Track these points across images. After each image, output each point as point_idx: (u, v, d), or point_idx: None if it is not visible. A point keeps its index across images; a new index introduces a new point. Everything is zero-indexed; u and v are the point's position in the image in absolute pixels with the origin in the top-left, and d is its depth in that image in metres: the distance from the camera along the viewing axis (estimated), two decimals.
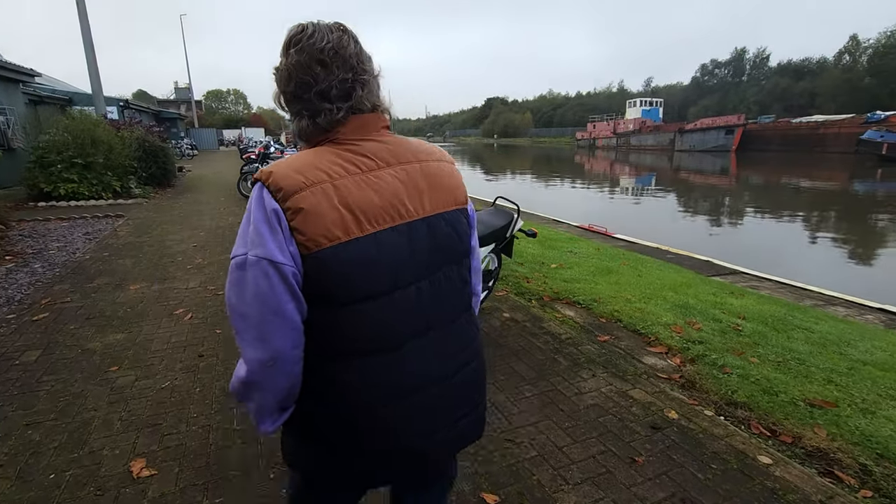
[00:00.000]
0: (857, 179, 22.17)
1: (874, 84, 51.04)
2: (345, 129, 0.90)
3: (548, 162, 39.43)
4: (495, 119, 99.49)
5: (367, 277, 0.85)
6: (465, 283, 1.03)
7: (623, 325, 3.57)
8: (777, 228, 11.59)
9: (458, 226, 0.99)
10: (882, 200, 15.83)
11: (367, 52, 0.96)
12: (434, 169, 0.97)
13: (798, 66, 65.53)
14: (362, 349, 0.88)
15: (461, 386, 1.01)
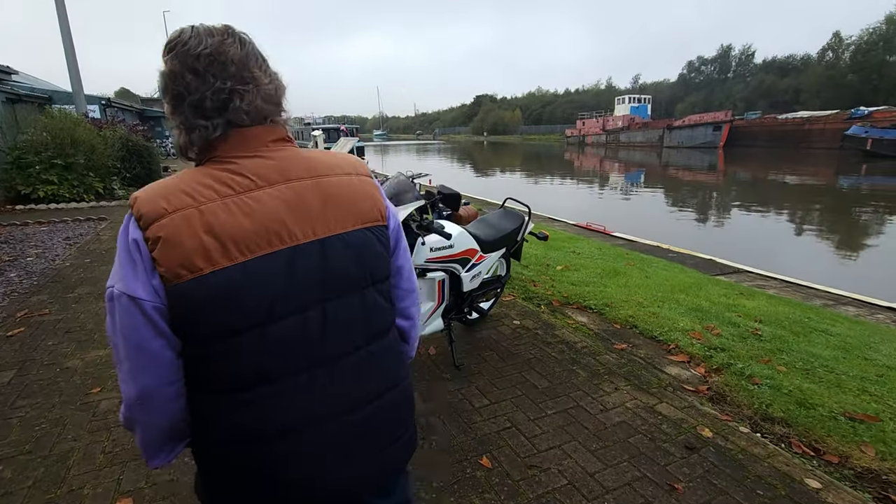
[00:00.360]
0: (842, 175, 22.43)
1: (857, 80, 51.80)
2: (225, 146, 0.82)
3: (538, 159, 39.39)
4: (485, 117, 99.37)
5: (237, 310, 0.77)
6: (381, 309, 0.94)
7: (639, 331, 3.40)
8: (769, 224, 11.59)
9: (366, 247, 0.89)
10: (869, 195, 15.97)
11: (260, 58, 0.87)
12: (336, 185, 0.88)
13: (782, 63, 66.35)
14: (239, 385, 0.81)
15: (373, 419, 0.92)
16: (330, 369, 0.86)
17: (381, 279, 0.93)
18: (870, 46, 52.95)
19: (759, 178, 21.97)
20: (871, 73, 51.33)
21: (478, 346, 3.18)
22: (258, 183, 0.81)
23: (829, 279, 5.71)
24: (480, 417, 2.37)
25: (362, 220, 0.89)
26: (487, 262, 2.99)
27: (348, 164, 0.93)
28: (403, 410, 1.00)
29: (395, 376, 0.97)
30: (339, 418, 0.88)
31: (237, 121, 0.82)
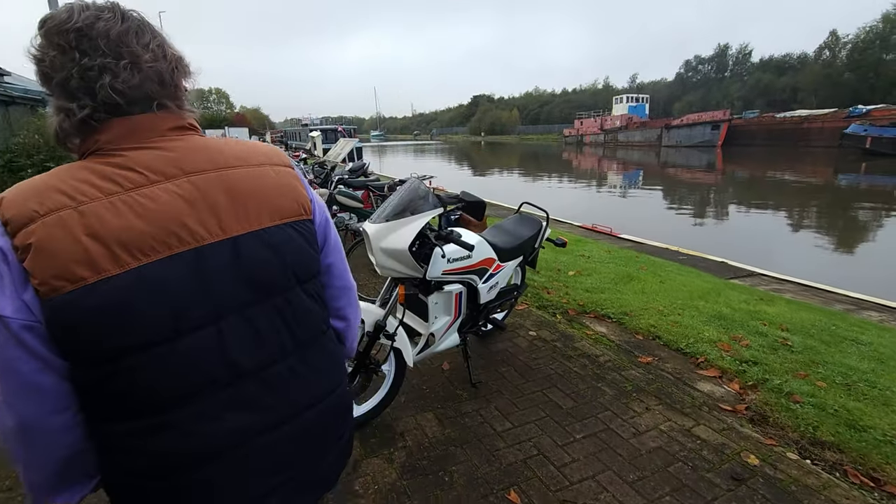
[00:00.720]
0: (842, 173, 22.39)
1: (854, 79, 51.86)
2: (107, 136, 0.72)
3: (537, 159, 39.25)
4: (482, 117, 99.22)
5: (134, 323, 0.68)
6: (310, 311, 0.86)
7: (663, 342, 3.22)
8: (775, 224, 11.44)
9: (287, 244, 0.81)
10: (872, 194, 15.86)
11: (149, 35, 0.76)
12: (246, 177, 0.79)
13: (779, 62, 66.39)
14: (146, 409, 0.71)
15: (306, 431, 0.86)
16: (256, 382, 0.78)
17: (307, 278, 0.85)
18: (867, 45, 53.01)
19: (760, 177, 21.86)
20: (868, 71, 51.39)
21: (494, 361, 3.00)
22: (151, 178, 0.72)
23: (843, 282, 5.56)
24: (504, 443, 2.18)
25: (281, 216, 0.81)
26: (505, 272, 2.80)
27: (261, 154, 0.84)
28: (339, 417, 0.94)
29: (330, 382, 0.91)
30: (270, 434, 0.80)
31: (109, 101, 0.71)
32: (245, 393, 0.78)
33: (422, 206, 2.11)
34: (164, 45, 0.79)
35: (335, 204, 5.03)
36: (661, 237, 7.89)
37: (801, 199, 14.95)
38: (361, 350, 2.22)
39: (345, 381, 0.97)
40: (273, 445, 0.81)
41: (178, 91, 0.80)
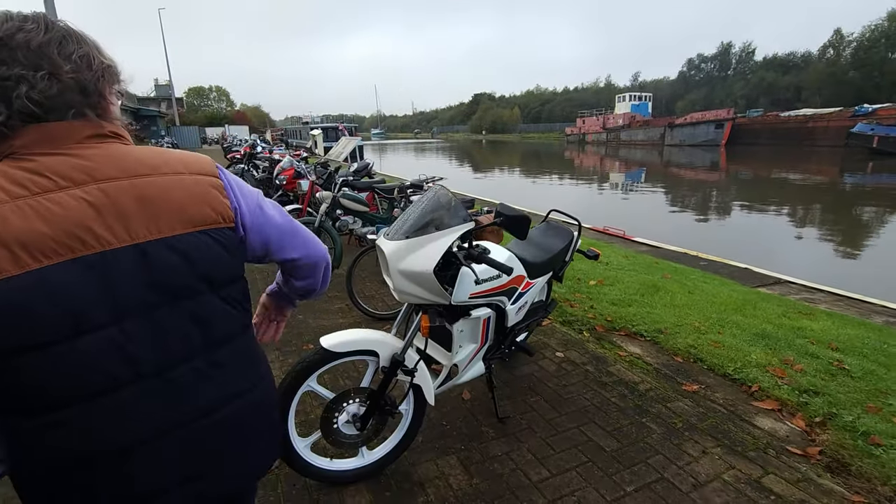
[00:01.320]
0: (849, 173, 22.13)
1: (858, 77, 51.49)
2: (21, 141, 0.74)
3: (539, 158, 38.91)
4: (483, 115, 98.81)
5: (34, 322, 0.70)
6: (224, 316, 0.89)
7: (706, 365, 2.89)
8: (790, 227, 11.11)
9: (200, 251, 0.83)
10: (886, 194, 15.51)
11: (73, 45, 0.77)
12: (158, 185, 0.81)
13: (783, 60, 66.04)
14: (48, 405, 0.74)
15: (213, 433, 0.87)
16: (159, 382, 0.81)
17: (223, 284, 0.88)
18: (871, 43, 52.64)
19: (767, 177, 21.54)
20: (872, 70, 51.02)
21: (520, 389, 2.67)
22: (60, 183, 0.74)
23: (870, 288, 5.25)
24: (543, 498, 1.86)
25: (194, 223, 0.83)
26: (534, 290, 2.48)
27: (179, 163, 0.86)
28: (254, 420, 0.95)
29: (240, 386, 0.93)
30: (174, 433, 0.83)
31: (24, 110, 0.73)
32: (148, 392, 0.80)
33: (448, 220, 1.78)
34: (91, 54, 0.79)
35: (339, 208, 4.69)
36: (675, 240, 7.57)
37: (811, 200, 14.62)
38: (375, 388, 1.89)
39: (263, 382, 0.98)
40: (178, 444, 0.84)
41: (103, 100, 0.81)
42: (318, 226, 4.45)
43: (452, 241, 1.75)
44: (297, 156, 9.23)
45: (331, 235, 4.48)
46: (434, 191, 1.92)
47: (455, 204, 1.83)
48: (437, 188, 1.93)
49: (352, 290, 3.69)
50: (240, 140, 19.43)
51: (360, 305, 3.70)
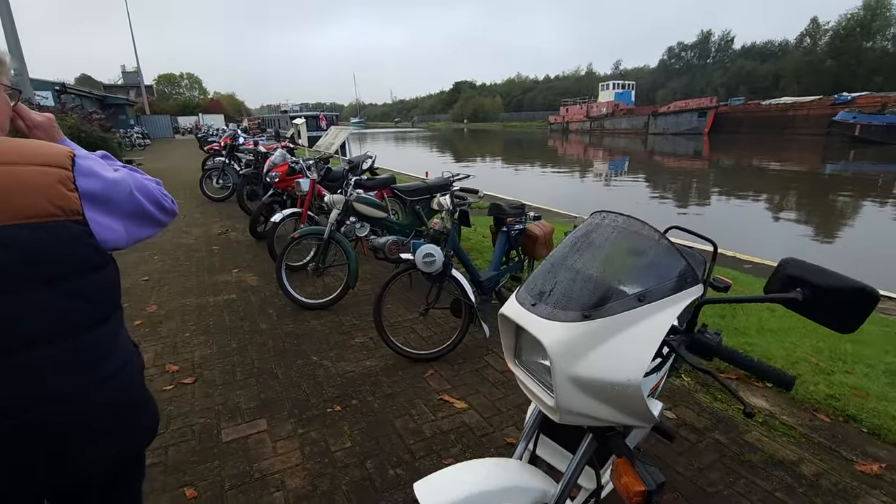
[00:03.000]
0: (832, 162, 22.25)
1: (835, 66, 52.18)
2: None
3: (523, 147, 38.28)
4: (464, 103, 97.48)
5: None
6: (61, 311, 0.87)
7: (866, 428, 2.22)
8: (801, 220, 10.69)
9: (28, 244, 0.81)
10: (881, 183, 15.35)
11: None
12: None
13: (761, 49, 66.62)
14: None
15: (41, 428, 0.86)
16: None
17: (60, 278, 0.86)
18: (848, 32, 53.34)
19: (759, 165, 21.37)
20: (849, 59, 51.75)
21: None
22: None
23: None
24: None
25: (23, 215, 0.81)
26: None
27: (15, 153, 0.84)
28: (96, 415, 0.92)
29: (69, 384, 0.88)
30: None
31: None
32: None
33: (656, 277, 1.01)
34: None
35: (353, 214, 3.87)
36: (748, 247, 6.90)
37: (806, 190, 14.32)
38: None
39: (114, 380, 0.95)
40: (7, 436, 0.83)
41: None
42: (328, 237, 3.64)
43: (674, 318, 0.99)
44: (283, 146, 8.30)
45: (344, 250, 3.67)
46: (607, 219, 1.15)
47: (662, 244, 1.06)
48: (608, 215, 1.16)
49: (382, 322, 2.90)
50: (216, 130, 18.09)
51: (393, 344, 2.92)
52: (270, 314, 3.64)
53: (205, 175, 8.91)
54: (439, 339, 3.19)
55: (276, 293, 4.03)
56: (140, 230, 1.00)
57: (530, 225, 3.54)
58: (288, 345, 3.13)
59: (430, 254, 2.73)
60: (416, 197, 4.14)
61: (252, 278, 4.48)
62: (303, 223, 4.57)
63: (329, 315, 3.62)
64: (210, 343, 3.18)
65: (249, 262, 4.99)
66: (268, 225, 5.81)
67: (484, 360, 2.94)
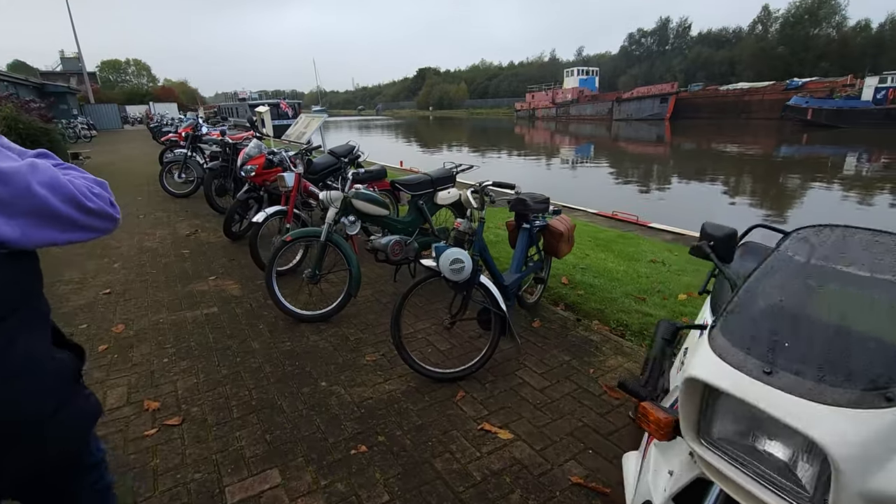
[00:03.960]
0: (787, 145, 23.31)
1: (786, 52, 54.20)
2: None
3: (493, 134, 38.06)
4: (430, 90, 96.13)
5: None
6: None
7: None
8: (766, 202, 10.91)
9: None
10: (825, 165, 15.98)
11: None
12: None
13: (717, 36, 68.48)
14: None
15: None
16: None
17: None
18: (796, 20, 55.42)
19: (715, 149, 22.00)
20: (798, 45, 53.87)
21: None
22: None
23: None
24: None
25: None
26: None
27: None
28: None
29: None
30: None
31: None
32: None
33: None
34: None
35: (352, 212, 3.43)
36: (682, 222, 6.90)
37: (772, 175, 14.72)
38: None
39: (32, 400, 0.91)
40: None
41: None
42: (325, 239, 3.20)
43: None
44: (251, 135, 7.66)
45: (344, 253, 3.24)
46: (868, 240, 0.82)
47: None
48: (857, 232, 0.83)
49: (401, 340, 2.52)
50: (171, 119, 16.89)
51: (415, 363, 2.55)
52: (261, 330, 3.18)
53: (164, 169, 8.14)
54: (460, 352, 2.84)
55: (264, 304, 3.57)
56: (41, 232, 0.84)
57: (552, 220, 3.22)
58: (289, 368, 2.70)
59: (458, 259, 2.36)
60: (418, 192, 3.74)
61: (233, 286, 3.97)
62: (289, 222, 4.09)
63: (330, 328, 3.20)
64: (195, 370, 2.71)
65: (227, 268, 4.45)
66: (244, 223, 5.31)
67: (517, 376, 2.61)
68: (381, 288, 3.92)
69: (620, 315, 3.25)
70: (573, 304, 3.48)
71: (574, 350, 2.86)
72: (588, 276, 3.98)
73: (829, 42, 53.23)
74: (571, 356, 2.79)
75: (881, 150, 20.16)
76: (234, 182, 6.54)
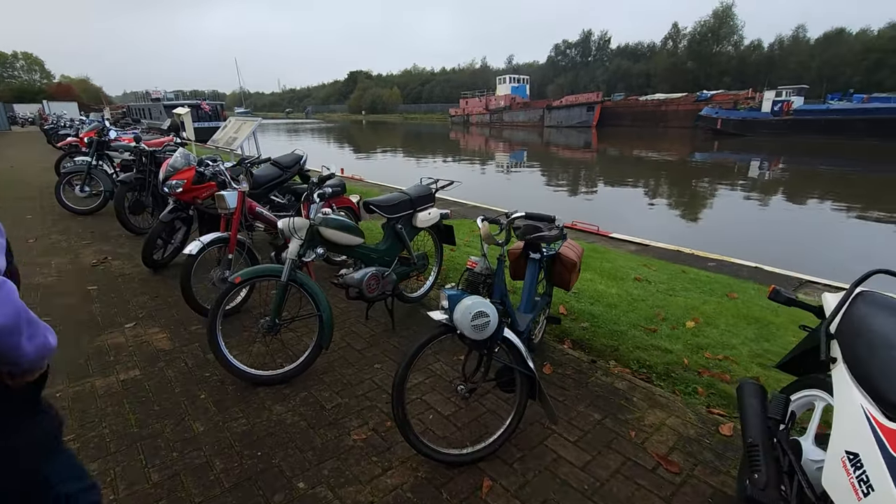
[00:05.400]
0: (700, 152, 25.50)
1: (695, 67, 59.10)
2: None
3: (429, 139, 37.88)
4: (362, 94, 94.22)
5: None
6: None
7: None
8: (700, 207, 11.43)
9: None
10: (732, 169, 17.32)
11: None
12: None
13: (634, 50, 73.31)
14: None
15: None
16: None
17: None
18: (701, 37, 60.67)
19: (637, 155, 23.40)
20: (704, 61, 58.95)
21: None
22: None
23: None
24: None
25: None
26: None
27: None
28: None
29: None
30: None
31: None
32: None
33: None
34: None
35: (319, 243, 2.75)
36: (634, 230, 6.91)
37: (678, 177, 15.64)
38: None
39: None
40: None
41: None
42: (286, 280, 2.52)
43: None
44: (170, 141, 6.59)
45: (311, 295, 2.57)
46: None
47: None
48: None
49: (405, 415, 1.92)
50: (70, 120, 14.76)
51: (422, 444, 1.96)
52: (205, 402, 2.43)
53: (63, 180, 6.80)
54: (468, 418, 2.29)
55: (205, 359, 2.80)
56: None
57: (562, 248, 2.77)
58: (249, 462, 2.00)
59: (482, 313, 1.82)
60: (396, 214, 3.14)
61: (160, 336, 3.13)
62: (231, 252, 3.32)
63: (297, 391, 2.51)
64: (109, 478, 1.93)
65: (150, 309, 3.56)
66: (168, 249, 4.40)
67: (548, 448, 2.11)
68: (351, 328, 3.26)
69: (637, 353, 2.86)
70: (581, 341, 3.05)
71: (602, 404, 2.41)
72: (584, 303, 3.59)
73: (730, 59, 58.80)
74: (602, 413, 2.34)
75: (778, 157, 22.41)
76: (154, 198, 5.53)
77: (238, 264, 3.41)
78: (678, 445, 2.11)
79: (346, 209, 4.34)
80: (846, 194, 13.18)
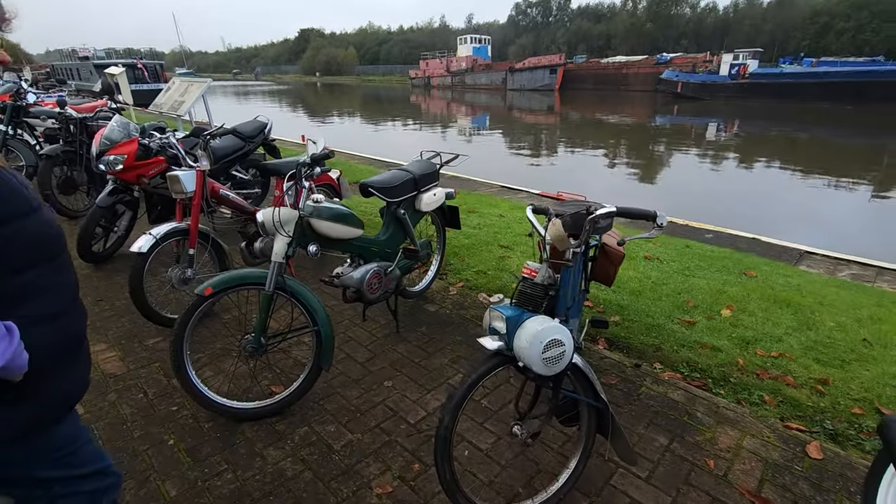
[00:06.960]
0: (661, 115, 25.65)
1: (654, 29, 59.15)
2: None
3: (389, 103, 36.36)
4: (315, 54, 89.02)
5: None
6: None
7: None
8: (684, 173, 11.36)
9: None
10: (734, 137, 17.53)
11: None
12: None
13: (595, 10, 72.42)
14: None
15: None
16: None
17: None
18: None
19: (602, 119, 23.40)
20: (662, 23, 59.05)
21: None
22: None
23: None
24: None
25: None
26: None
27: None
28: None
29: None
30: None
31: None
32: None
33: None
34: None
35: (311, 238, 2.19)
36: (614, 200, 6.65)
37: (639, 140, 15.64)
38: None
39: None
40: None
41: None
42: (272, 289, 1.97)
43: None
44: (103, 105, 5.62)
45: (305, 307, 2.04)
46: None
47: None
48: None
49: (453, 472, 1.48)
50: None
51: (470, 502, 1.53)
52: (173, 448, 1.89)
53: None
54: (511, 455, 1.88)
55: (169, 386, 2.24)
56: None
57: (607, 237, 2.33)
58: None
59: (557, 342, 1.37)
60: (399, 197, 2.59)
61: (107, 356, 2.51)
62: (192, 246, 2.69)
63: (292, 427, 2.01)
64: None
65: (92, 318, 2.89)
66: (110, 239, 3.68)
67: (619, 491, 1.72)
68: (347, 333, 2.75)
69: (684, 353, 2.52)
70: (616, 340, 2.68)
71: (663, 423, 2.05)
72: (606, 291, 3.22)
73: (687, 21, 59.17)
74: (667, 436, 1.98)
75: (734, 120, 22.85)
76: (89, 173, 4.68)
77: (201, 260, 2.79)
78: (767, 476, 1.78)
79: (325, 186, 3.73)
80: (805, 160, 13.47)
